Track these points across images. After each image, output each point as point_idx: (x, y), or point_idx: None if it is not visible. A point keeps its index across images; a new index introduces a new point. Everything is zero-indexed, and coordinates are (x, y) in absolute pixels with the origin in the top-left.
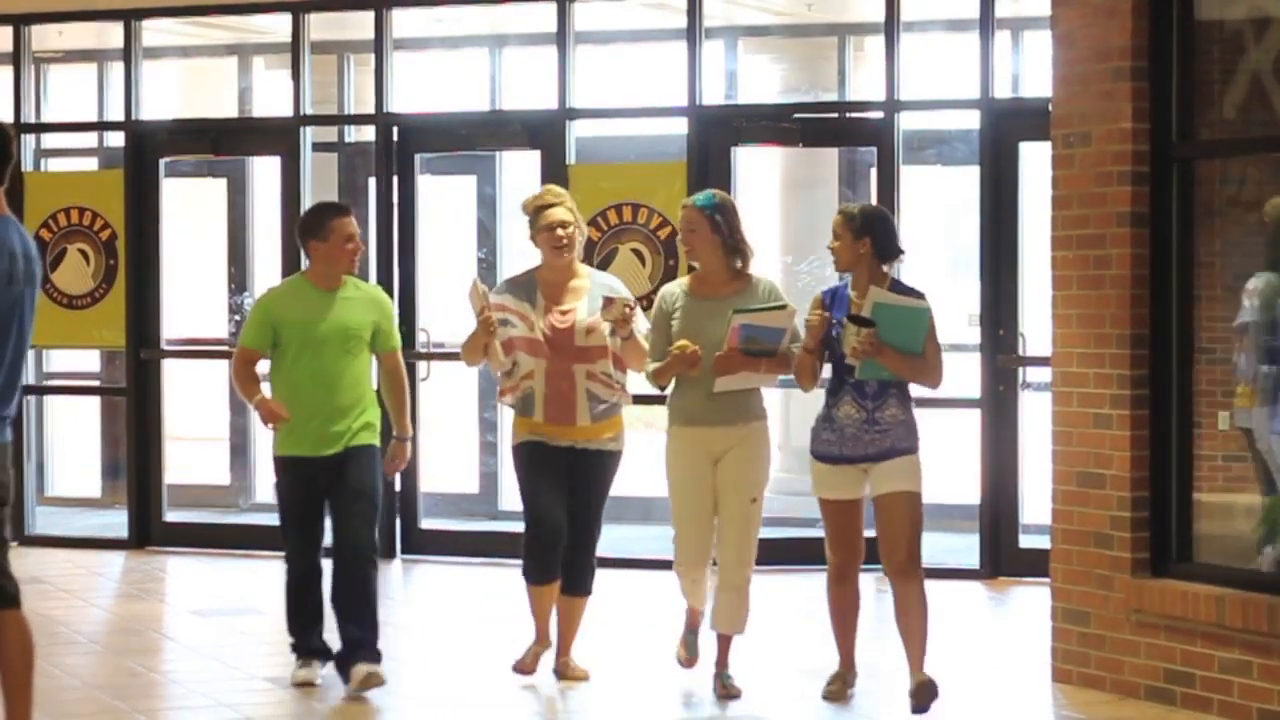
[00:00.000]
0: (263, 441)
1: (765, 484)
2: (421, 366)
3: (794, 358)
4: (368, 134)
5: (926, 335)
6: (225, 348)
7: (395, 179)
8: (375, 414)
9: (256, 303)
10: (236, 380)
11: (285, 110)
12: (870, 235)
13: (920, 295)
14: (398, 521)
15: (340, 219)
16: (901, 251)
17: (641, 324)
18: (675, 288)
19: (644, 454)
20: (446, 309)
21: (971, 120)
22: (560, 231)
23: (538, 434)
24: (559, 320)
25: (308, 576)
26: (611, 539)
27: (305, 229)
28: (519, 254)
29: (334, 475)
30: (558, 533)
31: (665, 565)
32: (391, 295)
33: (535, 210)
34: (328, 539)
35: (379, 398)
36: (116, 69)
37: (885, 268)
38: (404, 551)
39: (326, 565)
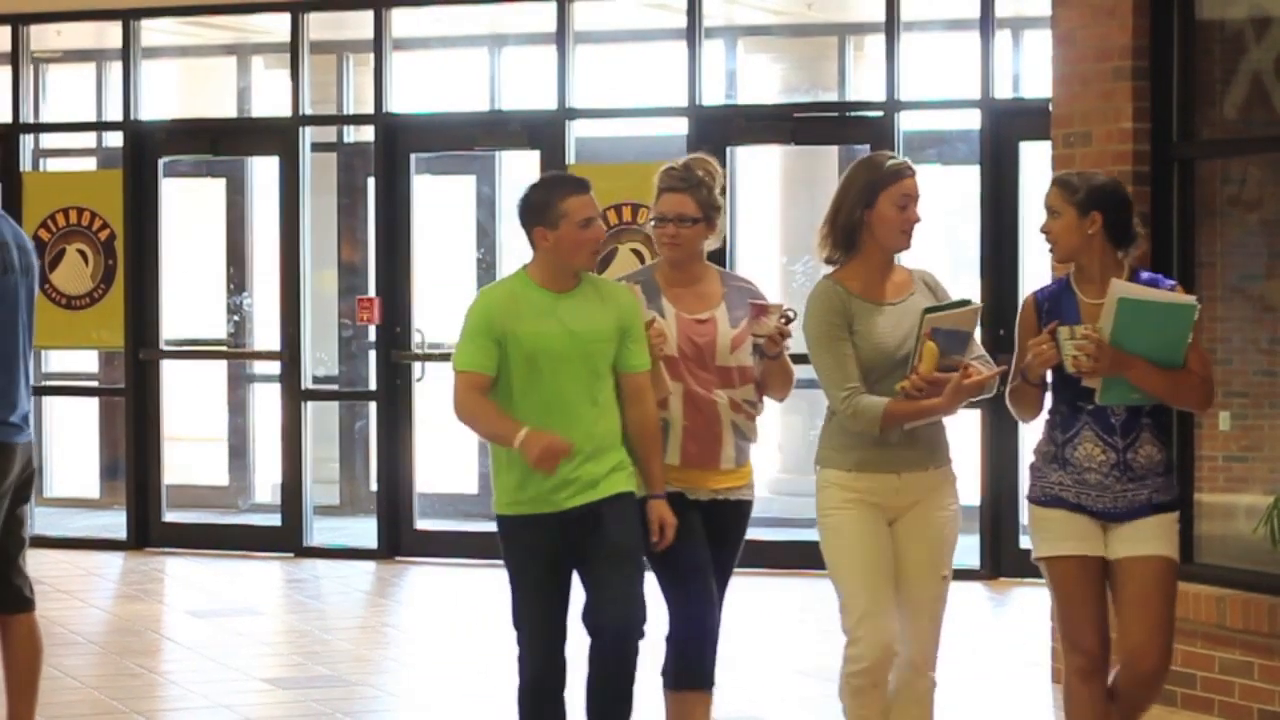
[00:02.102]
0: (263, 441)
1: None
2: (416, 367)
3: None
4: (367, 134)
5: (1190, 340)
6: (224, 348)
7: (394, 179)
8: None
9: (471, 310)
10: (469, 417)
11: (284, 110)
12: (1101, 210)
13: (1174, 285)
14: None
15: (576, 197)
16: (1138, 234)
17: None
18: (833, 287)
19: None
20: (443, 309)
21: (972, 120)
22: (674, 229)
23: (670, 483)
24: (696, 332)
25: (551, 678)
26: None
27: (531, 211)
28: (519, 254)
29: (585, 534)
30: (713, 630)
31: None
32: (391, 294)
33: (656, 192)
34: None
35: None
36: (115, 69)
37: (1120, 254)
38: (400, 553)
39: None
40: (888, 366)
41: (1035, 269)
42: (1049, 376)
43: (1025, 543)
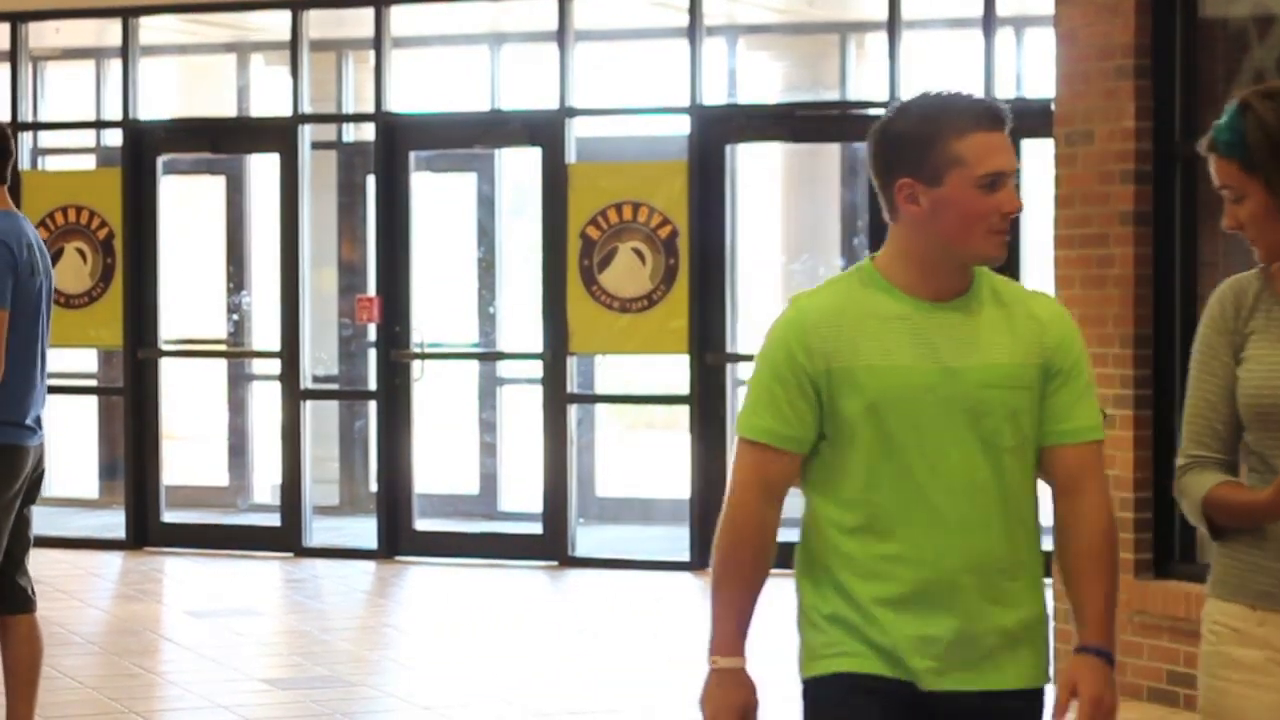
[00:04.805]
0: (262, 441)
1: None
2: (416, 367)
3: None
4: (367, 132)
5: None
6: (223, 347)
7: (394, 178)
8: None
9: (771, 333)
10: (730, 540)
11: (284, 108)
12: None
13: None
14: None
15: (981, 134)
16: None
17: None
18: (1247, 282)
19: (645, 454)
20: (442, 308)
21: None
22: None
23: None
24: None
25: None
26: (611, 540)
27: (893, 149)
28: (519, 255)
29: None
30: None
31: (665, 566)
32: (390, 293)
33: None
34: None
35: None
36: (114, 67)
37: None
38: (399, 553)
39: None
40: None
41: (1038, 268)
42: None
43: None
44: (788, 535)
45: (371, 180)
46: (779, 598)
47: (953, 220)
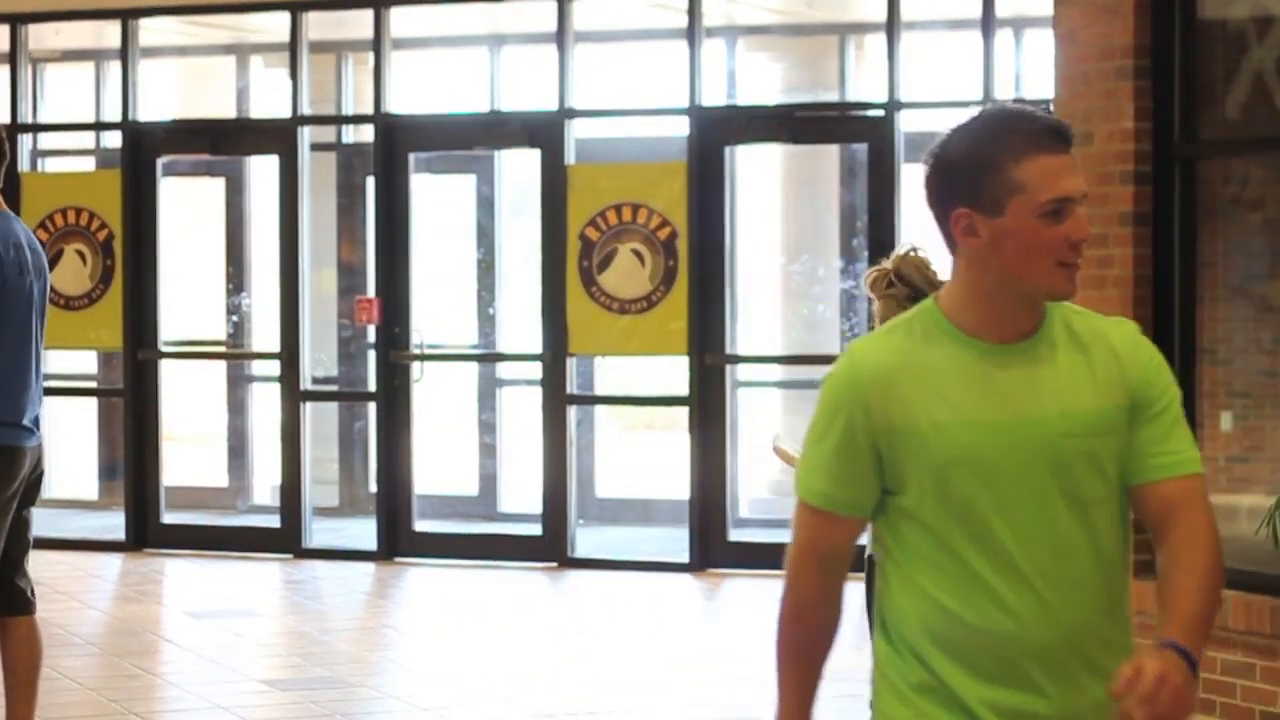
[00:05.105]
0: (261, 442)
1: None
2: (415, 368)
3: None
4: (366, 134)
5: None
6: (223, 349)
7: (393, 179)
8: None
9: (829, 387)
10: (792, 604)
11: (283, 110)
12: None
13: None
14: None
15: (1046, 157)
16: None
17: None
18: None
19: (645, 456)
20: (441, 309)
21: None
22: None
23: None
24: None
25: None
26: (611, 541)
27: (951, 175)
28: (519, 257)
29: None
30: None
31: (665, 567)
32: (390, 294)
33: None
34: None
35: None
36: (114, 68)
37: None
38: (399, 554)
39: None
40: None
41: None
42: None
43: None
44: (785, 535)
45: (371, 181)
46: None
47: (1015, 253)
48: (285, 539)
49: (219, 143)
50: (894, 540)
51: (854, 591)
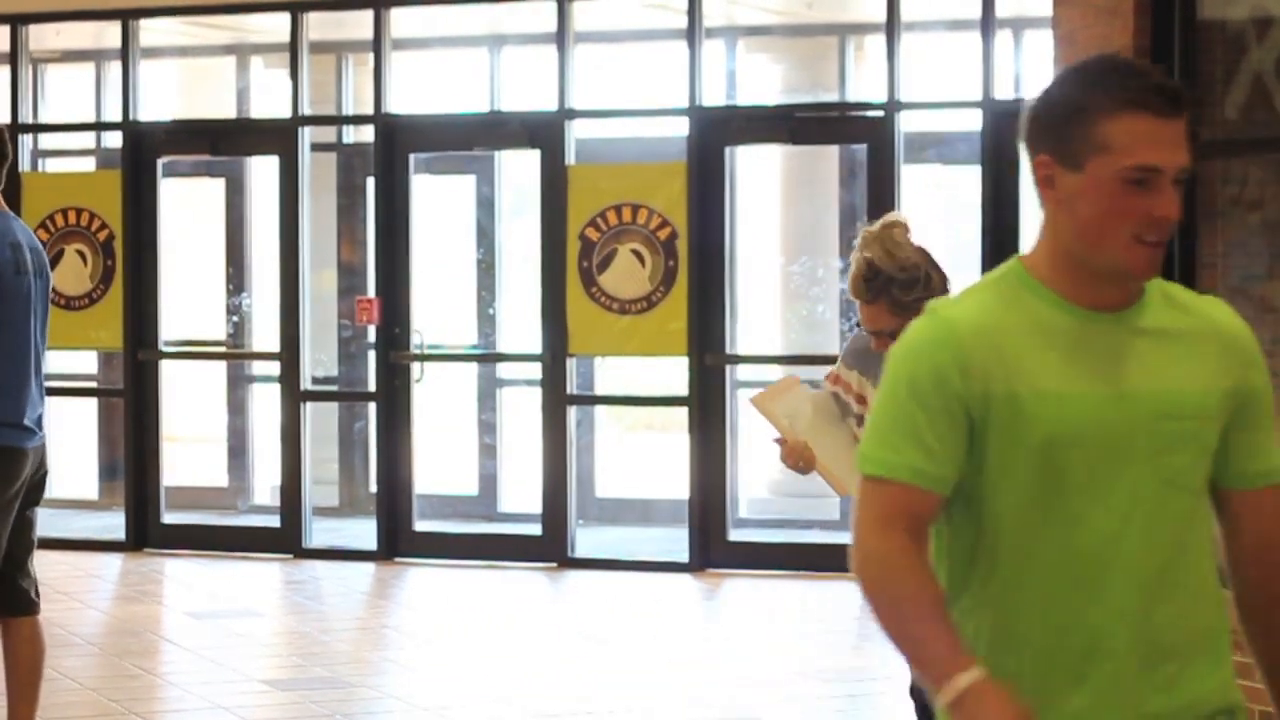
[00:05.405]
0: (262, 442)
1: None
2: (415, 368)
3: None
4: (366, 134)
5: None
6: (223, 349)
7: (393, 179)
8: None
9: (913, 346)
10: (877, 581)
11: (283, 110)
12: None
13: None
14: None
15: (1137, 117)
16: None
17: None
18: None
19: (644, 456)
20: (442, 309)
21: (973, 121)
22: (886, 341)
23: None
24: None
25: None
26: (610, 541)
27: (1043, 120)
28: (519, 257)
29: None
30: None
31: (664, 567)
32: (390, 295)
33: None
34: None
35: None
36: (114, 69)
37: None
38: (399, 554)
39: None
40: None
41: None
42: None
43: None
44: (785, 535)
45: (371, 182)
46: (781, 598)
47: (1086, 216)
48: (285, 539)
49: (219, 143)
50: (954, 522)
51: (855, 591)
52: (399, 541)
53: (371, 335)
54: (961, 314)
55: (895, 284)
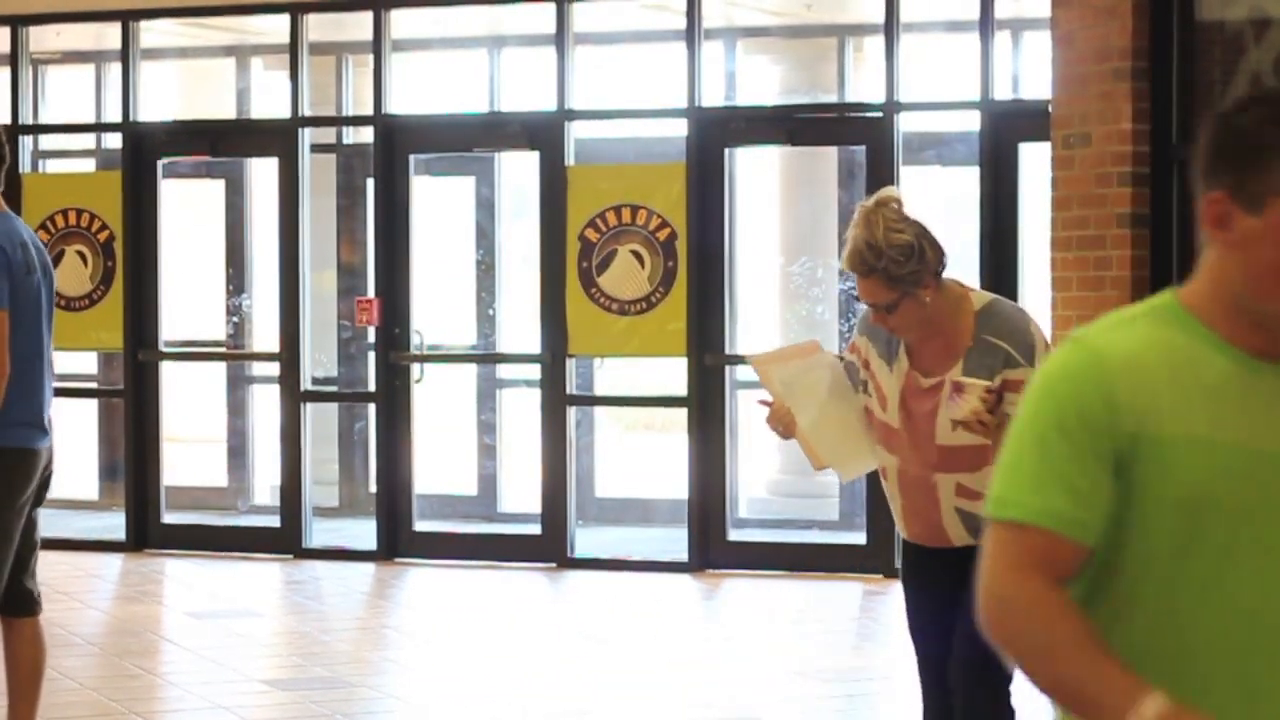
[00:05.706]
0: (262, 443)
1: None
2: (415, 368)
3: None
4: (366, 135)
5: None
6: (223, 350)
7: (393, 180)
8: None
9: (1057, 377)
10: (1022, 634)
11: (283, 111)
12: None
13: None
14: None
15: None
16: None
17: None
18: None
19: (644, 456)
20: (441, 310)
21: (971, 121)
22: (882, 316)
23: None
24: (917, 400)
25: None
26: (610, 541)
27: (1217, 157)
28: (518, 258)
29: None
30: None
31: (664, 567)
32: (390, 295)
33: None
34: None
35: None
36: (114, 70)
37: None
38: (399, 554)
39: None
40: None
41: (1035, 270)
42: None
43: None
44: (785, 535)
45: (371, 183)
46: (781, 598)
47: (1259, 265)
48: (285, 539)
49: (219, 144)
50: (1108, 575)
51: (854, 591)
52: (399, 542)
53: (371, 336)
54: (1113, 345)
55: (889, 258)
